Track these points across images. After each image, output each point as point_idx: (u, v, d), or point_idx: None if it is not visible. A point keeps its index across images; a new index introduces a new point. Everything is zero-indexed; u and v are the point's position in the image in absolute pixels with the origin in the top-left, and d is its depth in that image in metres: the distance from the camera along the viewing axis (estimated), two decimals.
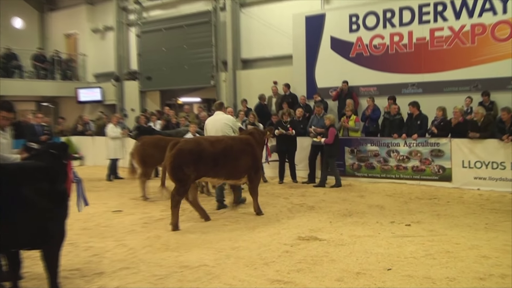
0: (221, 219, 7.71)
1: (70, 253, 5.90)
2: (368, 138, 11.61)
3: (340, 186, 10.58)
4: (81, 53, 21.42)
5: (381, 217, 7.60)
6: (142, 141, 9.67)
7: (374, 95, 12.88)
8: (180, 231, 6.94)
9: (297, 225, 7.12)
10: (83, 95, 20.51)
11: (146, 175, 9.61)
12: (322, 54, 14.01)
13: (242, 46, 16.84)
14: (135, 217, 7.97)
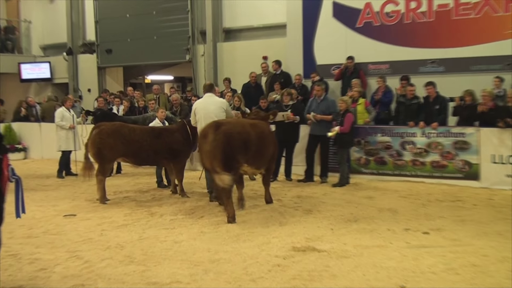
0: (197, 224, 7.69)
1: (12, 267, 5.83)
2: (378, 126, 11.64)
3: (347, 184, 10.65)
4: (24, 20, 21.14)
5: (393, 223, 7.62)
6: (99, 129, 9.51)
7: (386, 74, 12.93)
8: (146, 239, 6.93)
9: (291, 233, 7.11)
10: (27, 72, 20.30)
11: (104, 172, 9.52)
12: (323, 24, 14.00)
13: (225, 12, 16.77)
14: (92, 223, 7.92)
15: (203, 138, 7.97)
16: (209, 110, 8.96)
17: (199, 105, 9.18)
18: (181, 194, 9.83)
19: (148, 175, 12.29)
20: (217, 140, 7.69)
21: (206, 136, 7.87)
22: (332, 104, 11.19)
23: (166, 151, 9.66)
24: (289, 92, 11.57)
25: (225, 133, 7.75)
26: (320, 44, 14.09)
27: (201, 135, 8.10)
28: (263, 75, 14.66)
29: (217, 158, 7.68)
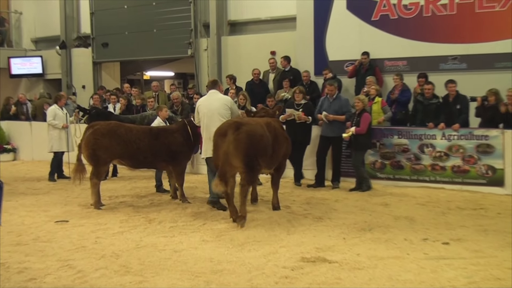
0: (199, 232, 7.70)
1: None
2: (395, 128, 11.62)
3: (368, 189, 10.68)
4: (15, 11, 21.24)
5: (410, 233, 7.60)
6: (93, 129, 9.52)
7: (403, 72, 12.91)
8: (144, 247, 6.94)
9: (299, 242, 7.11)
10: (17, 67, 20.37)
11: (98, 175, 9.53)
12: (336, 17, 13.99)
13: (230, 4, 16.78)
14: (85, 230, 7.93)
15: (221, 137, 8.07)
16: (212, 108, 9.00)
17: (203, 103, 9.23)
18: (182, 199, 9.83)
19: (146, 179, 12.31)
20: (238, 140, 7.88)
21: (225, 135, 7.98)
22: (345, 104, 11.18)
23: (165, 153, 9.66)
24: (302, 90, 11.55)
25: (248, 134, 7.97)
26: (332, 38, 14.08)
27: (219, 134, 8.16)
28: (271, 72, 14.65)
29: (239, 159, 7.90)
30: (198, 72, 17.04)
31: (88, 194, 9.80)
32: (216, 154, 8.20)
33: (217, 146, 8.15)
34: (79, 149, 9.65)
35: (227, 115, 8.96)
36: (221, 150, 8.05)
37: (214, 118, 8.94)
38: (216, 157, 8.21)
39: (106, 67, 19.73)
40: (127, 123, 10.63)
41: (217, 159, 8.18)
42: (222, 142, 8.02)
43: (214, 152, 8.27)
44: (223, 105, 9.03)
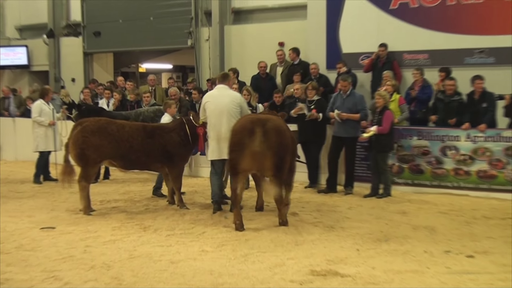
0: (198, 242, 7.69)
1: None
2: (414, 128, 11.61)
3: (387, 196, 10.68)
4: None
5: (431, 244, 7.58)
6: (82, 126, 9.51)
7: (424, 66, 12.89)
8: (137, 257, 6.93)
9: (309, 254, 7.11)
10: (1, 58, 20.41)
11: (88, 177, 9.53)
12: (350, 5, 14.01)
13: None
14: (73, 238, 7.93)
15: (247, 136, 8.08)
16: (221, 105, 9.04)
17: (210, 99, 9.25)
18: (179, 205, 9.84)
19: (141, 182, 12.33)
20: (270, 140, 7.97)
21: (252, 133, 8.00)
22: (360, 101, 11.15)
23: (160, 153, 9.66)
24: (314, 85, 11.55)
25: (276, 131, 8.08)
26: (346, 29, 14.08)
27: (243, 132, 8.16)
28: (279, 65, 14.65)
29: (271, 161, 8.00)
30: (198, 65, 17.07)
31: (77, 198, 9.81)
32: (241, 155, 8.15)
33: (242, 145, 8.13)
34: (66, 149, 9.64)
35: (237, 114, 9.00)
36: (250, 152, 8.04)
37: (222, 117, 8.99)
38: (241, 158, 8.16)
39: (98, 59, 19.76)
40: (121, 120, 10.65)
41: (246, 163, 8.16)
42: (250, 142, 8.02)
43: (238, 153, 8.20)
44: (232, 102, 9.06)
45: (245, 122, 8.30)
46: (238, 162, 8.20)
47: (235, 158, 8.22)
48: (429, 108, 12.00)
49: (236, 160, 8.21)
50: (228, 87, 9.35)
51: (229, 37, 16.71)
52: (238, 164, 8.22)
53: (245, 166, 8.24)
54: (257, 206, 9.51)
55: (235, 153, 8.21)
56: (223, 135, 8.98)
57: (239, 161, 8.18)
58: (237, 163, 8.23)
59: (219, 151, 9.13)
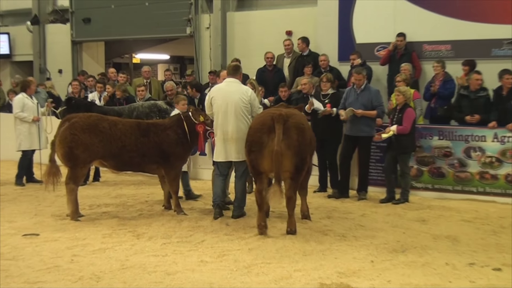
0: (197, 251, 7.69)
1: None
2: (435, 126, 11.62)
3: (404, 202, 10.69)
4: None
5: (453, 256, 7.56)
6: (70, 122, 9.49)
7: (446, 58, 12.87)
8: (130, 268, 6.93)
9: (318, 265, 7.10)
10: None
11: (76, 179, 9.52)
12: None
13: None
14: (59, 246, 7.93)
15: (266, 133, 8.09)
16: (229, 101, 9.01)
17: (218, 93, 9.21)
18: (176, 210, 9.85)
19: (135, 185, 12.35)
20: (290, 138, 7.99)
21: (272, 131, 8.00)
22: (375, 96, 11.13)
23: (155, 153, 9.65)
24: (329, 78, 11.53)
25: (298, 128, 8.12)
26: (361, 16, 14.11)
27: (263, 130, 8.16)
28: (286, 56, 14.68)
29: (290, 161, 8.04)
30: (198, 56, 17.08)
31: (64, 202, 9.84)
32: (260, 155, 8.17)
33: (261, 144, 8.14)
34: (53, 147, 9.63)
35: (247, 112, 9.01)
36: (267, 149, 8.06)
37: (230, 115, 8.99)
38: (261, 159, 8.18)
39: (87, 48, 19.80)
40: (114, 115, 10.67)
41: (263, 161, 8.17)
42: (270, 139, 8.04)
43: (257, 153, 8.21)
44: (242, 99, 9.02)
45: (265, 118, 8.28)
46: (258, 163, 8.24)
47: (255, 159, 8.26)
48: (451, 105, 11.98)
49: (256, 161, 8.25)
50: (238, 81, 9.30)
51: (232, 25, 16.75)
52: (259, 165, 8.25)
53: (266, 167, 8.24)
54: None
55: (254, 153, 8.24)
56: (229, 135, 9.02)
57: (259, 162, 8.22)
58: (257, 164, 8.27)
59: (225, 152, 9.15)
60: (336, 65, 13.83)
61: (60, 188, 9.81)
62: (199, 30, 17.11)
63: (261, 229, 8.32)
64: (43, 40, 20.04)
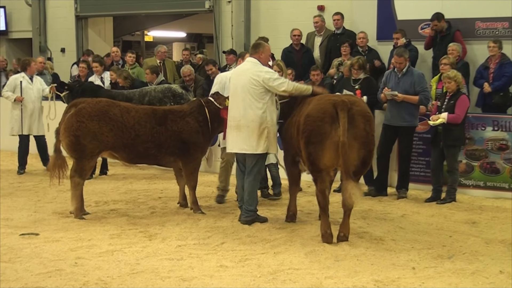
0: (216, 255, 7.70)
1: None
2: (489, 116, 11.57)
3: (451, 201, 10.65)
4: None
5: (508, 263, 7.50)
6: (77, 108, 9.53)
7: (503, 38, 12.76)
8: (141, 273, 6.94)
9: (352, 272, 7.10)
10: None
11: (82, 172, 9.58)
12: None
13: None
14: (62, 247, 7.97)
15: (328, 122, 7.98)
16: (238, 84, 9.01)
17: (233, 75, 9.34)
18: (193, 208, 9.92)
19: (146, 179, 12.41)
20: (357, 128, 7.97)
21: (335, 119, 7.92)
22: (419, 80, 11.05)
23: (174, 144, 9.69)
24: (362, 62, 11.45)
25: (364, 116, 8.10)
26: None
27: (324, 119, 8.01)
28: (317, 35, 14.67)
29: (357, 154, 8.04)
30: (218, 33, 17.08)
31: (67, 197, 9.92)
32: (321, 147, 8.03)
33: (322, 135, 8.01)
34: (57, 136, 9.68)
35: (257, 96, 8.86)
36: (329, 141, 7.95)
37: (239, 98, 8.97)
38: (322, 152, 8.04)
39: (93, 24, 19.85)
40: (124, 101, 10.72)
41: (325, 155, 8.03)
42: (332, 129, 7.94)
43: (317, 145, 8.06)
44: (251, 81, 8.86)
45: (325, 105, 8.14)
46: (319, 157, 8.09)
47: (314, 152, 8.10)
48: (509, 92, 11.89)
49: (316, 154, 8.10)
50: (257, 60, 9.08)
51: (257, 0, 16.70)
52: (319, 160, 8.11)
53: (328, 162, 8.10)
54: (289, 214, 9.43)
55: (314, 145, 8.08)
56: (237, 122, 8.97)
57: (320, 156, 8.08)
58: (317, 158, 8.12)
59: (232, 142, 9.12)
60: (374, 45, 13.78)
61: (63, 182, 9.85)
62: (219, 4, 17.11)
63: (327, 238, 8.19)
64: (44, 15, 20.02)
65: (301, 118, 8.30)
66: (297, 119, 8.52)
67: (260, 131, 8.81)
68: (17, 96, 12.95)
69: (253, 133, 8.82)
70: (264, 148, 8.94)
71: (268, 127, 8.88)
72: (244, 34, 16.51)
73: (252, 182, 9.16)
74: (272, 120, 8.98)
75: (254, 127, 8.84)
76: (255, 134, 8.83)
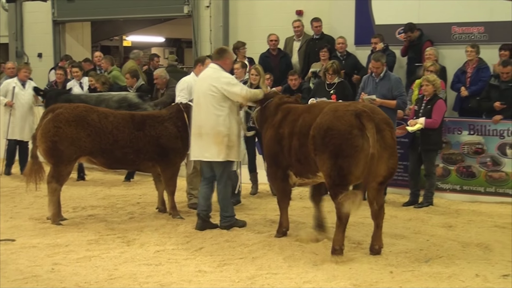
0: (194, 260, 7.70)
1: None
2: (465, 120, 11.63)
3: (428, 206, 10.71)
4: None
5: (484, 266, 7.55)
6: (54, 114, 9.52)
7: (480, 42, 12.84)
8: (119, 278, 6.92)
9: (330, 276, 7.11)
10: None
11: (60, 178, 9.55)
12: None
13: None
14: (39, 253, 7.94)
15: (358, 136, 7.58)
16: (200, 91, 9.03)
17: (196, 82, 9.38)
18: (172, 213, 9.90)
19: (125, 184, 12.35)
20: (385, 137, 7.70)
21: (363, 129, 7.58)
22: (396, 85, 11.09)
23: (152, 149, 9.69)
24: (336, 69, 11.48)
25: (388, 124, 7.87)
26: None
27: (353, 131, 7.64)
28: (296, 39, 14.68)
29: (387, 164, 7.84)
30: (196, 38, 17.06)
31: (44, 203, 9.89)
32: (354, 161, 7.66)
33: (356, 148, 7.65)
34: (34, 142, 9.67)
35: (216, 102, 8.81)
36: (363, 153, 7.57)
37: (201, 106, 8.95)
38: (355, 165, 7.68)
39: (71, 29, 19.75)
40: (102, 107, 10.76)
41: (357, 168, 7.69)
42: (365, 141, 7.55)
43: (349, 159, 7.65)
44: (210, 87, 8.81)
45: (347, 116, 7.72)
46: (351, 171, 7.70)
47: (347, 166, 7.66)
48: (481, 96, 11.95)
49: (349, 168, 7.68)
50: (220, 67, 9.02)
51: (235, 4, 16.72)
52: (352, 173, 7.71)
53: (360, 175, 7.73)
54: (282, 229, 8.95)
55: (346, 159, 7.64)
56: (203, 130, 8.91)
57: (354, 169, 7.70)
58: (349, 172, 7.71)
59: (200, 150, 9.04)
60: (353, 50, 13.82)
61: (40, 187, 9.83)
62: (198, 9, 17.08)
63: (335, 252, 7.79)
64: (20, 20, 19.88)
65: (314, 130, 7.87)
66: (295, 130, 8.28)
67: (220, 139, 8.77)
68: (7, 100, 13.03)
69: (213, 141, 8.80)
70: (225, 155, 8.86)
71: (228, 135, 8.81)
72: (223, 38, 16.50)
73: (223, 189, 9.16)
74: (232, 128, 8.89)
75: (214, 135, 8.81)
76: (215, 142, 8.81)
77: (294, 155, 8.31)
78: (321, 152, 7.79)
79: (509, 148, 11.06)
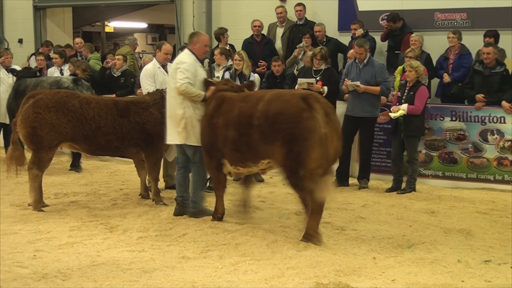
0: (177, 246, 7.70)
1: None
2: (447, 106, 11.68)
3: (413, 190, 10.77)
4: None
5: (466, 252, 7.60)
6: (34, 99, 9.46)
7: (462, 29, 12.85)
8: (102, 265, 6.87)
9: (314, 262, 7.11)
10: None
11: (40, 164, 9.50)
12: None
13: None
14: (20, 239, 7.91)
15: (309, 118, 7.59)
16: (170, 78, 9.09)
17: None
18: (155, 199, 9.89)
19: (108, 171, 12.30)
20: (333, 121, 7.74)
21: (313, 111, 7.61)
22: (380, 71, 11.15)
23: (137, 136, 9.68)
24: (324, 54, 11.48)
25: (333, 108, 7.99)
26: None
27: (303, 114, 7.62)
28: (279, 26, 14.65)
29: (336, 148, 7.79)
30: (179, 24, 16.98)
31: (25, 189, 9.84)
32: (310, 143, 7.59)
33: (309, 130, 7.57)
34: (14, 128, 9.61)
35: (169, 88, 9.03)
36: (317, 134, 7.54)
37: (168, 91, 9.06)
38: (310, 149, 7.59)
39: (52, 15, 19.60)
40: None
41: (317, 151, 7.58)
42: (315, 122, 7.56)
43: (304, 142, 7.59)
44: (171, 72, 8.97)
45: (294, 100, 7.73)
46: (309, 155, 7.58)
47: (303, 151, 7.59)
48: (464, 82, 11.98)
49: (306, 152, 7.58)
50: (189, 51, 9.00)
51: None
52: (309, 157, 7.59)
53: (317, 157, 7.58)
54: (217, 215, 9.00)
55: (301, 143, 7.59)
56: (168, 113, 8.97)
57: (311, 153, 7.58)
58: (307, 156, 7.59)
59: (168, 133, 9.05)
60: (336, 36, 13.81)
61: (21, 173, 9.79)
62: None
63: (318, 239, 7.82)
64: (0, 5, 19.67)
65: (259, 120, 7.84)
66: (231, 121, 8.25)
67: (178, 121, 8.76)
68: None
69: (172, 124, 8.82)
70: (182, 138, 8.82)
71: (186, 117, 8.74)
72: (206, 25, 16.43)
73: (195, 175, 9.15)
74: (189, 111, 8.78)
75: (172, 117, 8.84)
76: (174, 125, 8.82)
77: (231, 145, 8.28)
78: (272, 141, 7.74)
79: (490, 134, 11.09)
